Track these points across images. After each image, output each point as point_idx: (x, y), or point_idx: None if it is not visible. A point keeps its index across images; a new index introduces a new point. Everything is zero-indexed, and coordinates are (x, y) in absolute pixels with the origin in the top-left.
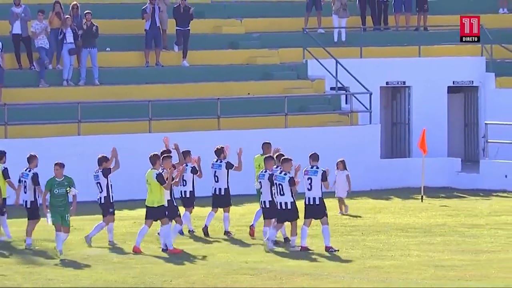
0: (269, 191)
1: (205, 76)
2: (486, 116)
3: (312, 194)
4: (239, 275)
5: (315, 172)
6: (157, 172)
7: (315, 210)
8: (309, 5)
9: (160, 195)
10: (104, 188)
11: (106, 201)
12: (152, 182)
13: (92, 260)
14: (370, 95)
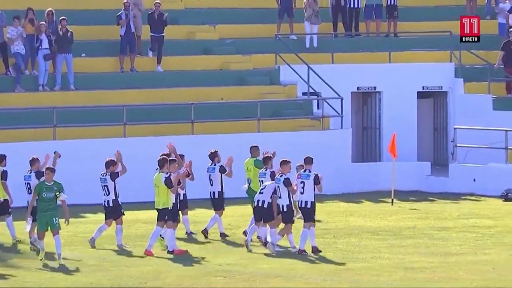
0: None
1: (179, 82)
2: (455, 121)
3: (304, 198)
4: (213, 277)
5: (307, 176)
6: (165, 176)
7: (304, 213)
8: (281, 12)
9: (166, 197)
10: (111, 191)
11: (114, 204)
12: (160, 185)
13: (69, 263)
14: (342, 100)
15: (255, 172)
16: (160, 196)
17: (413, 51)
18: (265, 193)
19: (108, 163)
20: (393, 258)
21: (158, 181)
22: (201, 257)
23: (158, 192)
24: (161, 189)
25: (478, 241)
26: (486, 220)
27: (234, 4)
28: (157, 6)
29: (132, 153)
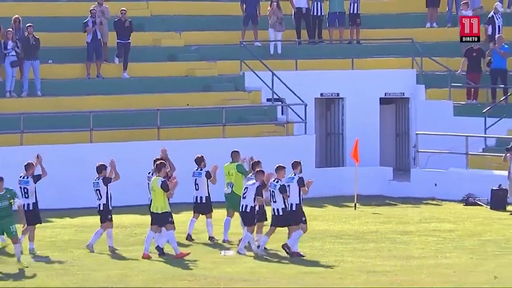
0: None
1: (145, 88)
2: (416, 127)
3: (290, 201)
4: (178, 281)
5: (291, 178)
6: (162, 180)
7: (289, 216)
8: (246, 19)
9: (163, 201)
10: (103, 196)
11: (105, 208)
12: (157, 189)
13: (35, 267)
14: (305, 106)
15: (237, 176)
16: (157, 199)
17: (375, 58)
18: (247, 197)
19: (99, 168)
20: (356, 262)
21: (155, 184)
22: (166, 261)
23: (155, 196)
24: (157, 193)
25: (439, 245)
26: (447, 224)
27: (200, 11)
28: (123, 13)
29: (99, 159)
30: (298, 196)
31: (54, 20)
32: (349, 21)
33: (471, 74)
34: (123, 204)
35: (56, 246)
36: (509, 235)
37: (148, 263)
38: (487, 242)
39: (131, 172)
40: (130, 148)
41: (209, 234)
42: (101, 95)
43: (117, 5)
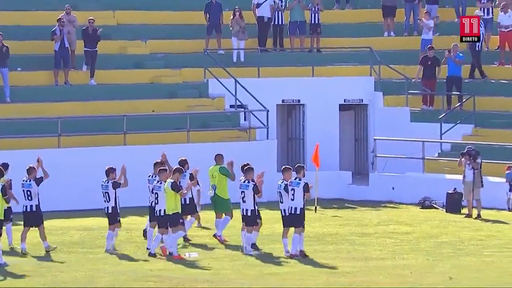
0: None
1: (112, 94)
2: (374, 132)
3: (294, 204)
4: (143, 282)
5: (297, 183)
6: (171, 181)
7: (294, 219)
8: (209, 28)
9: (174, 203)
10: (112, 199)
11: (113, 211)
12: (168, 190)
13: (4, 268)
14: (267, 112)
15: (220, 179)
16: (169, 202)
17: (335, 65)
18: (247, 201)
19: (108, 171)
20: (317, 263)
21: (166, 187)
22: (132, 262)
23: (167, 198)
24: (168, 194)
25: (397, 247)
26: (404, 227)
27: (165, 20)
28: (90, 22)
29: (67, 163)
30: (302, 200)
31: (22, 28)
32: (310, 30)
33: (427, 81)
34: (89, 207)
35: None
36: (464, 237)
37: (115, 264)
38: (443, 244)
39: (98, 177)
40: (97, 153)
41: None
42: (68, 101)
43: (85, 14)
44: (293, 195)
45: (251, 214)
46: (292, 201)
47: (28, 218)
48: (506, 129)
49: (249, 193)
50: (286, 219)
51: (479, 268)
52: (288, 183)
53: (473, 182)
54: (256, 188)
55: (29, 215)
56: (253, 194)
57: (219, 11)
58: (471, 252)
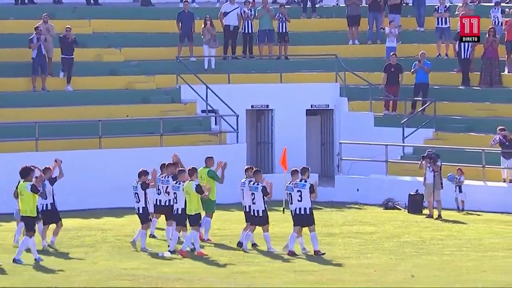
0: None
1: (88, 100)
2: (340, 136)
3: (303, 205)
4: (118, 281)
5: (303, 185)
6: (196, 183)
7: (304, 218)
8: (182, 36)
9: (197, 204)
10: (141, 199)
11: (144, 211)
12: (191, 192)
13: None
14: (237, 117)
15: (208, 181)
16: (192, 203)
17: (302, 72)
18: (257, 203)
19: (140, 173)
20: (285, 262)
21: (189, 188)
22: (108, 262)
23: (190, 200)
24: (192, 196)
25: (362, 246)
26: (369, 227)
27: (139, 29)
28: (67, 30)
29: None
30: (309, 200)
31: (1, 36)
32: (278, 38)
33: (390, 87)
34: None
35: (4, 248)
36: (426, 237)
37: (91, 264)
38: (405, 243)
39: (74, 179)
40: (73, 157)
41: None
42: (46, 107)
43: (62, 23)
44: (300, 196)
45: (262, 214)
46: (299, 202)
47: (46, 216)
48: (465, 133)
49: (258, 194)
50: (296, 219)
51: (439, 267)
52: (294, 185)
53: (433, 184)
54: (265, 189)
55: (46, 213)
56: (263, 195)
57: (191, 20)
58: (432, 251)
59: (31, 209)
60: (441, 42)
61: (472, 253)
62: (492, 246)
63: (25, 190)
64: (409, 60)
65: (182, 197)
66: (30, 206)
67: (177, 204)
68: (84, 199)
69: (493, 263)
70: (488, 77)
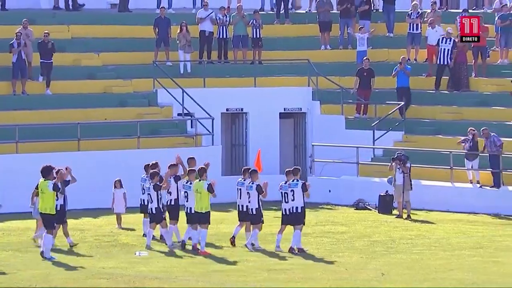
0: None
1: (67, 103)
2: (312, 139)
3: (295, 204)
4: (96, 279)
5: (295, 184)
6: (208, 183)
7: (294, 217)
8: (158, 41)
9: (207, 202)
10: (154, 200)
11: (157, 211)
12: (202, 191)
13: None
14: (212, 120)
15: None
16: (202, 201)
17: (275, 76)
18: (252, 201)
19: (152, 175)
20: (258, 261)
21: (200, 187)
22: (86, 261)
23: (200, 198)
24: (203, 194)
25: (333, 245)
26: (340, 227)
27: (116, 34)
28: (46, 35)
29: (24, 168)
30: (302, 200)
31: None
32: (252, 44)
33: (362, 91)
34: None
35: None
36: (395, 236)
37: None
38: (376, 242)
39: None
40: (52, 159)
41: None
42: (26, 110)
43: (41, 28)
44: (293, 196)
45: (256, 212)
46: (293, 201)
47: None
48: (433, 136)
49: (253, 193)
50: (287, 218)
51: (409, 265)
52: (288, 185)
53: (403, 185)
54: (260, 188)
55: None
56: (257, 194)
57: (167, 26)
58: (401, 250)
59: (51, 207)
60: (411, 47)
61: (440, 252)
62: (460, 245)
63: (46, 188)
64: (379, 65)
65: (193, 196)
66: (50, 204)
67: (188, 203)
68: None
69: (460, 262)
70: (456, 81)
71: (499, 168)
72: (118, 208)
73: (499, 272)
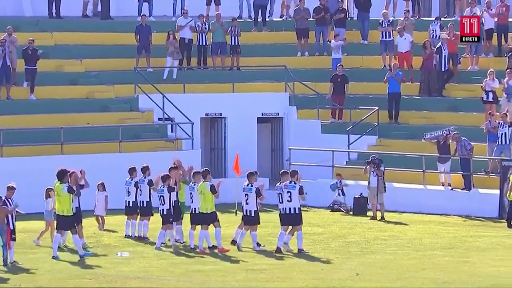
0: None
1: (50, 108)
2: (289, 142)
3: (292, 205)
4: (79, 279)
5: (293, 186)
6: (210, 184)
7: (292, 218)
8: (139, 48)
9: (211, 203)
10: (166, 202)
11: (168, 213)
12: (206, 192)
13: None
14: (192, 124)
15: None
16: (206, 201)
17: (253, 82)
18: (250, 203)
19: (164, 178)
20: (237, 261)
21: (203, 188)
22: (69, 261)
23: (204, 199)
24: (206, 195)
25: (310, 246)
26: (316, 228)
27: (98, 41)
28: (30, 42)
29: (9, 171)
30: (298, 201)
31: None
32: (230, 50)
33: (336, 97)
34: (30, 211)
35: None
36: (370, 237)
37: (54, 264)
38: (351, 243)
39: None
40: (37, 162)
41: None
42: (10, 114)
43: (25, 35)
44: (290, 197)
45: (254, 214)
46: (289, 202)
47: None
48: (406, 140)
49: (252, 195)
50: (284, 218)
51: (382, 265)
52: (284, 186)
53: (377, 187)
54: (258, 191)
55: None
56: (256, 196)
57: (148, 33)
58: (375, 250)
59: (67, 209)
60: (385, 54)
61: (413, 252)
62: (431, 245)
63: (62, 191)
64: (354, 71)
65: (197, 197)
66: (66, 206)
67: (193, 204)
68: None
69: (432, 261)
70: (427, 87)
71: (469, 171)
72: (98, 210)
73: (470, 272)
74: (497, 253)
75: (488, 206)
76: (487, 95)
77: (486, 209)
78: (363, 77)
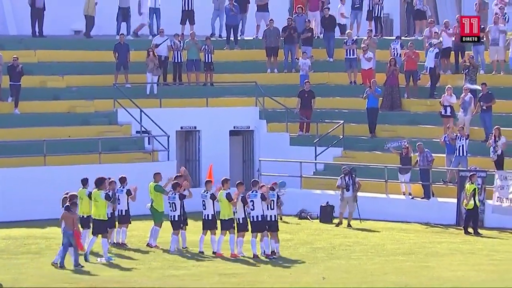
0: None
1: (34, 122)
2: (260, 154)
3: (255, 213)
4: (61, 283)
5: (255, 195)
6: (226, 192)
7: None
8: (118, 65)
9: (229, 210)
10: (178, 208)
11: (179, 219)
12: (222, 199)
13: None
14: (168, 137)
15: (155, 194)
16: (223, 209)
17: (226, 97)
18: (256, 209)
19: (174, 186)
20: (211, 266)
21: (221, 196)
22: (52, 267)
23: (222, 206)
24: (223, 203)
25: (283, 251)
26: (285, 235)
27: (79, 58)
28: (15, 59)
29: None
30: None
31: None
32: (204, 67)
33: (304, 111)
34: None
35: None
36: (336, 243)
37: (36, 269)
38: (317, 249)
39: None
40: (20, 173)
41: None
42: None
43: (10, 53)
44: (253, 206)
45: (261, 219)
46: (252, 211)
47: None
48: (370, 152)
49: (257, 201)
50: (253, 225)
51: (347, 270)
52: (246, 195)
53: (352, 197)
54: (264, 196)
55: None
56: (261, 201)
57: (126, 51)
58: (341, 256)
59: (103, 214)
60: (350, 71)
61: (376, 257)
62: (394, 251)
63: (99, 197)
64: (320, 87)
65: (210, 204)
66: (102, 212)
67: (206, 211)
68: (30, 210)
69: (394, 266)
70: (389, 102)
71: (429, 181)
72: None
73: (429, 276)
74: (455, 258)
75: (446, 214)
76: (445, 109)
77: (444, 217)
78: (329, 93)
